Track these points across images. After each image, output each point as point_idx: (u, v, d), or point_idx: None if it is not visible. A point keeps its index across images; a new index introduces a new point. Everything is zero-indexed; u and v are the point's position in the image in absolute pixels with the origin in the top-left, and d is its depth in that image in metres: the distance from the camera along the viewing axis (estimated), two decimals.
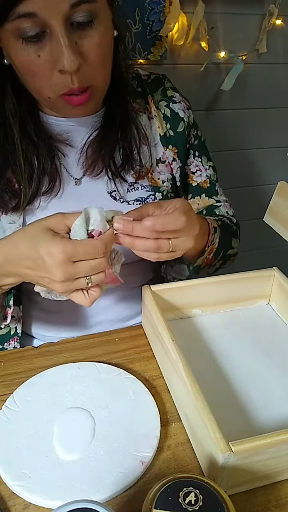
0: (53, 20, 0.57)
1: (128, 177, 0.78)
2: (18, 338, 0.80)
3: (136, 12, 1.18)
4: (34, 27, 0.57)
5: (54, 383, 0.62)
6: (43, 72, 0.61)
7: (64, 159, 0.76)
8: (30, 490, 0.49)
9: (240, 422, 0.56)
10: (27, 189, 0.71)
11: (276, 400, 0.60)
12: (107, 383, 0.62)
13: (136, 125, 0.78)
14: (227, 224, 0.84)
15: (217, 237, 0.77)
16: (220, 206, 0.89)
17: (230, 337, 0.70)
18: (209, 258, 0.78)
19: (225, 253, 0.81)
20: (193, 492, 0.39)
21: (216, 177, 0.90)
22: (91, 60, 0.62)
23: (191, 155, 0.87)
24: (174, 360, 0.57)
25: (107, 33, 0.63)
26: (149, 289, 0.69)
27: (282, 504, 0.49)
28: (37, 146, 0.71)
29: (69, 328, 0.83)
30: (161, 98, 0.82)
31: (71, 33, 0.59)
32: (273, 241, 1.03)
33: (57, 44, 0.59)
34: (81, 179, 0.77)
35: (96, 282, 0.57)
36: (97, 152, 0.75)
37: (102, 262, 0.56)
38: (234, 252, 0.84)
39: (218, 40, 1.32)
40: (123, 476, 0.50)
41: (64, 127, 0.75)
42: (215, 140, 0.89)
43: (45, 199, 0.74)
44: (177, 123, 0.82)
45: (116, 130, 0.76)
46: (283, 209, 0.69)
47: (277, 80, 1.47)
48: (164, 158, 0.82)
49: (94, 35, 0.61)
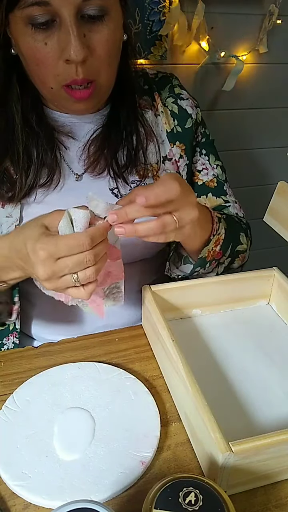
0: (65, 10, 0.57)
1: (131, 177, 0.77)
2: (17, 333, 0.79)
3: (136, 12, 1.18)
4: (44, 15, 0.58)
5: (54, 383, 0.62)
6: (48, 60, 0.61)
7: (65, 152, 0.75)
8: (30, 490, 0.49)
9: (240, 422, 0.56)
10: (23, 179, 0.70)
11: (276, 400, 0.60)
12: (107, 383, 0.62)
13: (143, 123, 0.77)
14: (233, 218, 0.82)
15: (222, 227, 0.74)
16: (229, 207, 0.86)
17: (230, 337, 0.70)
18: (216, 250, 0.74)
19: (234, 249, 0.78)
20: (193, 492, 0.39)
21: (225, 177, 0.88)
22: (97, 54, 0.62)
23: (198, 153, 0.86)
24: (174, 360, 0.57)
25: (116, 32, 0.64)
26: (149, 289, 0.69)
27: (282, 504, 0.49)
28: (37, 135, 0.71)
29: (68, 333, 0.82)
30: (168, 95, 0.82)
31: (80, 25, 0.59)
32: (273, 241, 1.03)
33: (66, 34, 0.59)
34: (82, 175, 0.76)
35: (83, 279, 0.54)
36: (100, 150, 0.74)
37: (87, 257, 0.53)
38: (243, 248, 0.80)
39: (218, 40, 1.32)
40: (123, 476, 0.50)
41: (67, 122, 0.74)
42: (215, 140, 0.89)
43: (42, 192, 0.73)
44: (184, 119, 0.82)
45: (120, 130, 0.75)
46: (283, 209, 0.69)
47: (277, 80, 1.47)
48: (170, 156, 0.81)
49: (103, 31, 0.61)
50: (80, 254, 0.52)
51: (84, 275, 0.54)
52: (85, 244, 0.52)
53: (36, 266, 0.54)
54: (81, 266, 0.53)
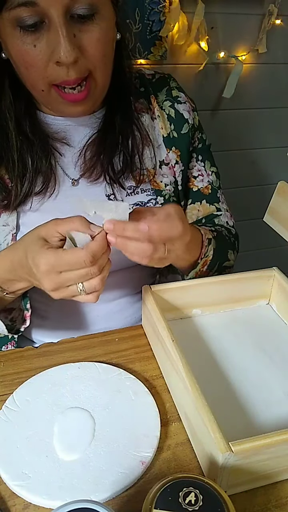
0: (53, 10, 0.56)
1: (127, 182, 0.76)
2: (15, 342, 0.79)
3: (136, 12, 1.18)
4: (33, 16, 0.56)
5: (54, 383, 0.62)
6: (38, 63, 0.60)
7: (60, 158, 0.74)
8: (30, 490, 0.49)
9: (240, 422, 0.56)
10: (19, 187, 0.70)
11: (276, 400, 0.60)
12: (107, 383, 0.62)
13: (139, 127, 0.76)
14: (224, 235, 0.81)
15: (211, 249, 0.74)
16: (221, 216, 0.86)
17: (230, 337, 0.70)
18: (203, 270, 0.75)
19: (221, 265, 0.78)
20: (193, 492, 0.39)
21: (219, 184, 0.87)
22: (89, 54, 0.60)
23: (194, 159, 0.84)
24: (174, 360, 0.57)
25: (108, 30, 0.62)
26: (149, 289, 0.69)
27: (282, 504, 0.49)
28: (31, 143, 0.70)
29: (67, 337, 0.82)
30: (165, 98, 0.80)
31: (70, 25, 0.58)
32: (273, 241, 1.03)
33: (55, 35, 0.57)
34: (79, 180, 0.75)
35: (89, 289, 0.55)
36: (96, 156, 0.73)
37: (91, 270, 0.53)
38: (230, 264, 0.81)
39: (218, 40, 1.32)
40: (123, 476, 0.50)
41: (62, 126, 0.73)
42: (215, 140, 0.88)
43: (38, 200, 0.72)
44: (181, 124, 0.80)
45: (116, 134, 0.74)
46: (283, 209, 0.69)
47: (277, 80, 1.47)
48: (167, 160, 0.80)
49: (94, 30, 0.60)
50: (84, 269, 0.53)
51: (90, 285, 0.55)
52: (86, 261, 0.52)
53: (41, 279, 0.55)
54: (85, 278, 0.54)
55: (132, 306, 0.86)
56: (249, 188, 1.64)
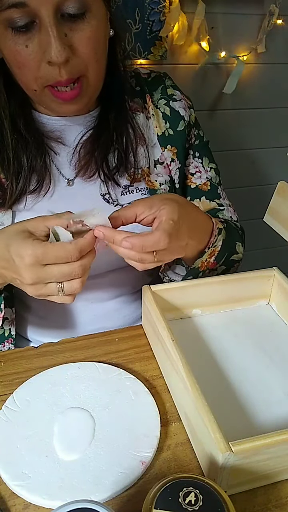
0: (43, 10, 0.56)
1: (122, 180, 0.76)
2: (13, 340, 0.79)
3: (136, 12, 1.18)
4: (23, 17, 0.56)
5: (54, 383, 0.62)
6: (30, 63, 0.60)
7: (55, 157, 0.74)
8: (30, 490, 0.49)
9: (240, 422, 0.56)
10: (14, 185, 0.70)
11: (276, 400, 0.60)
12: (107, 383, 0.62)
13: (133, 126, 0.75)
14: (233, 227, 0.80)
15: (221, 239, 0.73)
16: (224, 210, 0.85)
17: (230, 337, 0.70)
18: (210, 262, 0.73)
19: (229, 258, 0.77)
20: (193, 492, 0.39)
21: (219, 180, 0.86)
22: (81, 53, 0.60)
23: (191, 156, 0.84)
24: (174, 360, 0.57)
25: (100, 28, 0.62)
26: (149, 289, 0.69)
27: (282, 504, 0.49)
28: (26, 141, 0.70)
29: (64, 336, 0.82)
30: (160, 96, 0.80)
31: (61, 24, 0.58)
32: (273, 241, 1.03)
33: (46, 35, 0.58)
34: (74, 180, 0.75)
35: (68, 291, 0.55)
36: (90, 153, 0.73)
37: (75, 269, 0.53)
38: (238, 258, 0.80)
39: (218, 40, 1.32)
40: (123, 476, 0.50)
41: (57, 125, 0.73)
42: (215, 140, 0.88)
43: (33, 198, 0.72)
44: (177, 122, 0.80)
45: (110, 132, 0.74)
46: (283, 209, 0.69)
47: (277, 80, 1.47)
48: (162, 159, 0.79)
49: (85, 29, 0.60)
50: (68, 265, 0.53)
51: (70, 287, 0.54)
52: (73, 256, 0.52)
53: (21, 271, 0.53)
54: (67, 277, 0.54)
55: (129, 306, 0.86)
56: (249, 188, 1.64)
